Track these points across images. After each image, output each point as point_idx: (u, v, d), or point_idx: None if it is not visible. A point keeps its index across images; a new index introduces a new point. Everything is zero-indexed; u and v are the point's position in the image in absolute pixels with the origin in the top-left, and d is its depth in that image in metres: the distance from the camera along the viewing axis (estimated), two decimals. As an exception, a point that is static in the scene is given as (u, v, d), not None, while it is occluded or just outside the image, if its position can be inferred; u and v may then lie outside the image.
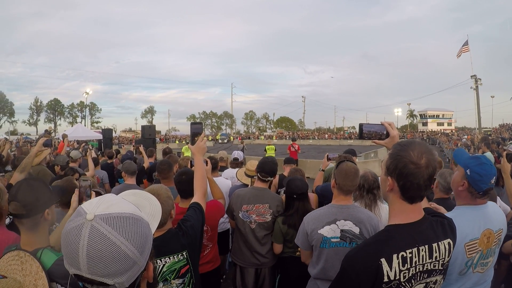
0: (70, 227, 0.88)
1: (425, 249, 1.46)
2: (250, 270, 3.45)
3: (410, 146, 1.46)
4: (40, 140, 4.43)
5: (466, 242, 1.99)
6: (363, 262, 1.43)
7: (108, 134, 19.88)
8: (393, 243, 1.45)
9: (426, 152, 1.43)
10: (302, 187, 3.25)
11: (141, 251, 0.92)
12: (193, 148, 2.56)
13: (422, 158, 1.42)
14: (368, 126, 1.96)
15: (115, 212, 0.90)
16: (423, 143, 1.50)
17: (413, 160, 1.42)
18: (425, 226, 1.51)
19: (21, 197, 1.80)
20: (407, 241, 1.45)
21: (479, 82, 44.82)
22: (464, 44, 46.20)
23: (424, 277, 1.49)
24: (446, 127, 79.70)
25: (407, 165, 1.42)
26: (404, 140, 1.64)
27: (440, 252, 1.50)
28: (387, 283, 1.41)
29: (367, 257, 1.44)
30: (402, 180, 1.45)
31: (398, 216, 1.52)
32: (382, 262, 1.40)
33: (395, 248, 1.43)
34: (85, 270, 0.85)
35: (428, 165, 1.42)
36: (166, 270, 2.17)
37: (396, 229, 1.49)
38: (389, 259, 1.41)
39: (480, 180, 1.99)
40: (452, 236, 1.58)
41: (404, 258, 1.42)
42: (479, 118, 45.94)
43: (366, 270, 1.41)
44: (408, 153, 1.43)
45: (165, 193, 2.23)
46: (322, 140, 60.96)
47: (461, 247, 1.96)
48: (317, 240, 2.53)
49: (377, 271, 1.40)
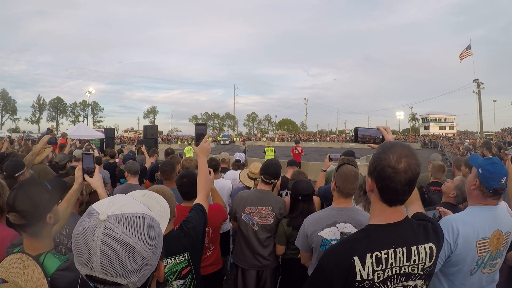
0: (82, 228, 0.88)
1: (402, 251, 1.44)
2: (251, 272, 3.46)
3: (391, 149, 1.43)
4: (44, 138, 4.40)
5: (478, 240, 2.04)
6: (337, 259, 1.44)
7: (110, 134, 19.91)
8: (369, 243, 1.44)
9: (406, 156, 1.41)
10: (308, 189, 3.27)
11: (154, 251, 0.92)
12: (197, 149, 2.53)
13: (400, 163, 1.39)
14: (363, 130, 1.95)
15: (128, 212, 0.90)
16: (406, 146, 1.47)
17: (391, 164, 1.40)
18: (405, 228, 1.50)
19: (19, 207, 1.70)
20: (384, 241, 1.44)
21: (481, 86, 44.73)
22: (467, 47, 46.09)
23: (402, 280, 1.47)
24: (448, 130, 79.48)
25: (385, 169, 1.41)
26: (388, 142, 1.63)
27: (419, 255, 1.47)
28: (360, 282, 1.41)
29: (340, 255, 1.45)
30: (379, 182, 1.44)
31: (377, 217, 1.52)
32: (354, 260, 1.40)
33: (370, 248, 1.43)
34: (98, 271, 0.85)
35: (407, 170, 1.39)
36: (167, 271, 2.17)
37: (374, 229, 1.49)
38: (363, 258, 1.41)
39: (490, 177, 2.07)
40: (436, 241, 1.54)
41: (379, 258, 1.41)
42: (481, 122, 45.81)
43: (339, 268, 1.42)
44: (388, 155, 1.42)
45: (168, 191, 2.27)
46: (324, 143, 60.84)
47: (473, 244, 2.02)
48: (317, 242, 2.54)
49: (349, 269, 1.40)
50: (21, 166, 3.73)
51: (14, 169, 3.63)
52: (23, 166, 3.76)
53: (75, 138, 18.71)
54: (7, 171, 3.60)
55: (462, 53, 46.25)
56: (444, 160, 2.72)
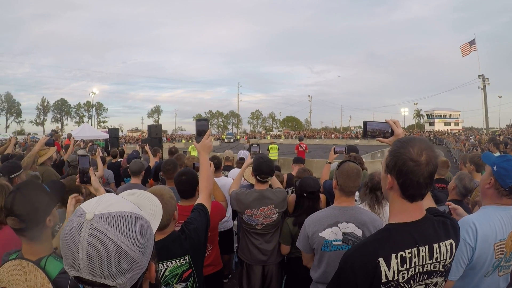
0: (69, 228, 0.86)
1: (425, 250, 1.42)
2: (257, 267, 3.43)
3: (410, 143, 1.42)
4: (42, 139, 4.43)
5: (496, 242, 1.97)
6: (361, 261, 1.41)
7: (114, 134, 19.91)
8: (392, 243, 1.42)
9: (426, 149, 1.40)
10: (314, 186, 3.21)
11: (143, 251, 0.90)
12: (198, 146, 2.42)
13: (422, 155, 1.38)
14: (372, 124, 1.92)
15: (115, 211, 0.88)
16: (424, 139, 1.46)
17: (412, 157, 1.38)
18: (426, 225, 1.47)
19: (18, 211, 1.66)
20: (407, 241, 1.42)
21: (486, 82, 44.45)
22: (470, 42, 45.74)
23: (424, 279, 1.45)
24: (453, 127, 79.16)
25: (407, 162, 1.39)
26: (404, 137, 1.58)
27: (441, 253, 1.45)
28: (385, 284, 1.38)
29: (365, 256, 1.41)
30: (401, 178, 1.41)
31: (398, 215, 1.49)
32: (380, 262, 1.37)
33: (394, 248, 1.40)
34: (86, 272, 0.83)
35: (429, 162, 1.38)
36: (168, 275, 2.13)
37: (396, 228, 1.46)
38: (388, 259, 1.38)
39: (506, 175, 1.98)
40: (455, 237, 1.53)
41: (403, 258, 1.39)
42: (486, 118, 45.63)
43: (363, 270, 1.39)
44: (408, 150, 1.40)
45: (167, 194, 2.16)
46: (328, 140, 60.62)
47: (491, 247, 1.95)
48: (318, 243, 2.48)
49: (375, 271, 1.37)
50: (17, 168, 3.71)
51: (10, 171, 3.62)
52: (20, 168, 3.75)
53: (80, 138, 18.75)
54: (3, 172, 3.58)
55: (465, 47, 45.88)
56: (449, 157, 2.68)
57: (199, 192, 2.46)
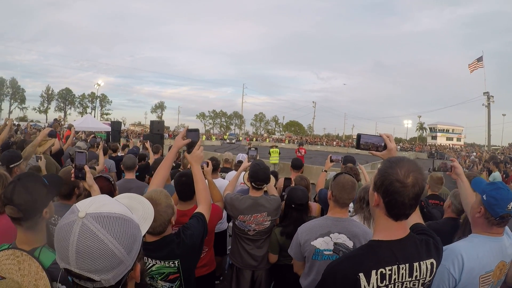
0: (62, 224, 0.94)
1: (405, 268, 1.46)
2: (247, 272, 3.45)
3: (398, 164, 1.45)
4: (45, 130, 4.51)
5: (482, 274, 1.95)
6: (343, 274, 1.46)
7: (116, 127, 19.97)
8: (374, 259, 1.46)
9: (414, 171, 1.43)
10: (303, 198, 3.21)
11: (128, 251, 0.97)
12: (189, 157, 2.48)
13: (409, 177, 1.41)
14: (366, 137, 1.94)
15: (106, 212, 0.95)
16: (413, 161, 1.50)
17: (399, 179, 1.41)
18: (409, 244, 1.51)
19: (17, 200, 1.73)
20: (388, 258, 1.46)
21: (491, 99, 44.41)
22: (479, 59, 45.71)
23: None
24: (455, 142, 79.28)
25: (393, 183, 1.42)
26: (394, 157, 1.62)
27: (421, 271, 1.49)
28: None
29: (346, 270, 1.46)
30: (387, 197, 1.45)
31: (382, 232, 1.53)
32: (360, 276, 1.42)
33: (375, 264, 1.44)
34: (74, 265, 0.90)
35: (415, 184, 1.41)
36: (155, 270, 2.18)
37: (379, 245, 1.50)
38: (368, 274, 1.43)
39: (496, 204, 1.95)
40: (437, 257, 1.56)
41: (383, 274, 1.44)
42: (489, 135, 45.53)
43: (344, 283, 1.44)
44: (396, 170, 1.43)
45: (165, 202, 2.15)
46: (330, 147, 60.36)
47: (476, 279, 1.93)
48: (310, 251, 2.51)
49: (355, 285, 1.42)
50: (17, 158, 3.74)
51: (10, 160, 3.65)
52: (20, 158, 3.78)
53: (81, 129, 18.78)
54: (2, 161, 3.62)
55: (472, 64, 45.87)
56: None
57: (198, 203, 2.49)
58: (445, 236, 2.29)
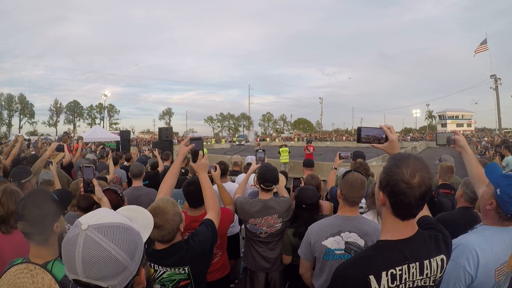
0: (68, 237, 1.01)
1: (415, 266, 1.43)
2: (261, 274, 3.45)
3: (404, 162, 1.40)
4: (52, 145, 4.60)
5: (497, 267, 1.87)
6: (352, 277, 1.43)
7: (126, 136, 20.16)
8: (383, 260, 1.43)
9: (420, 170, 1.38)
10: (312, 198, 3.19)
11: (131, 257, 1.04)
12: (195, 167, 2.49)
13: (415, 177, 1.37)
14: (366, 130, 1.92)
15: (107, 222, 1.02)
16: (420, 159, 1.44)
17: (405, 179, 1.37)
18: (417, 242, 1.48)
19: (28, 216, 1.78)
20: (397, 258, 1.43)
21: (499, 81, 43.81)
22: (482, 42, 45.13)
23: None
24: (466, 128, 78.20)
25: (398, 184, 1.38)
26: (400, 154, 1.55)
27: (431, 268, 1.46)
28: None
29: (355, 273, 1.43)
30: (392, 198, 1.42)
31: (390, 232, 1.50)
32: (370, 279, 1.39)
33: (385, 266, 1.41)
34: (82, 274, 0.97)
35: (421, 184, 1.37)
36: (166, 277, 2.20)
37: (387, 245, 1.47)
38: (378, 276, 1.40)
39: (509, 202, 1.82)
40: (447, 252, 1.53)
41: (394, 275, 1.41)
42: (499, 118, 45.01)
43: (354, 286, 1.42)
44: (401, 170, 1.38)
45: (172, 210, 2.13)
46: (339, 142, 60.05)
47: (491, 272, 1.85)
48: (320, 251, 2.49)
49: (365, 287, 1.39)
50: (27, 173, 3.85)
51: (21, 176, 3.76)
52: (30, 173, 3.88)
53: (91, 141, 18.97)
54: (14, 177, 3.74)
55: (478, 49, 45.35)
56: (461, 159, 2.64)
57: (207, 210, 2.51)
58: (461, 227, 2.22)
